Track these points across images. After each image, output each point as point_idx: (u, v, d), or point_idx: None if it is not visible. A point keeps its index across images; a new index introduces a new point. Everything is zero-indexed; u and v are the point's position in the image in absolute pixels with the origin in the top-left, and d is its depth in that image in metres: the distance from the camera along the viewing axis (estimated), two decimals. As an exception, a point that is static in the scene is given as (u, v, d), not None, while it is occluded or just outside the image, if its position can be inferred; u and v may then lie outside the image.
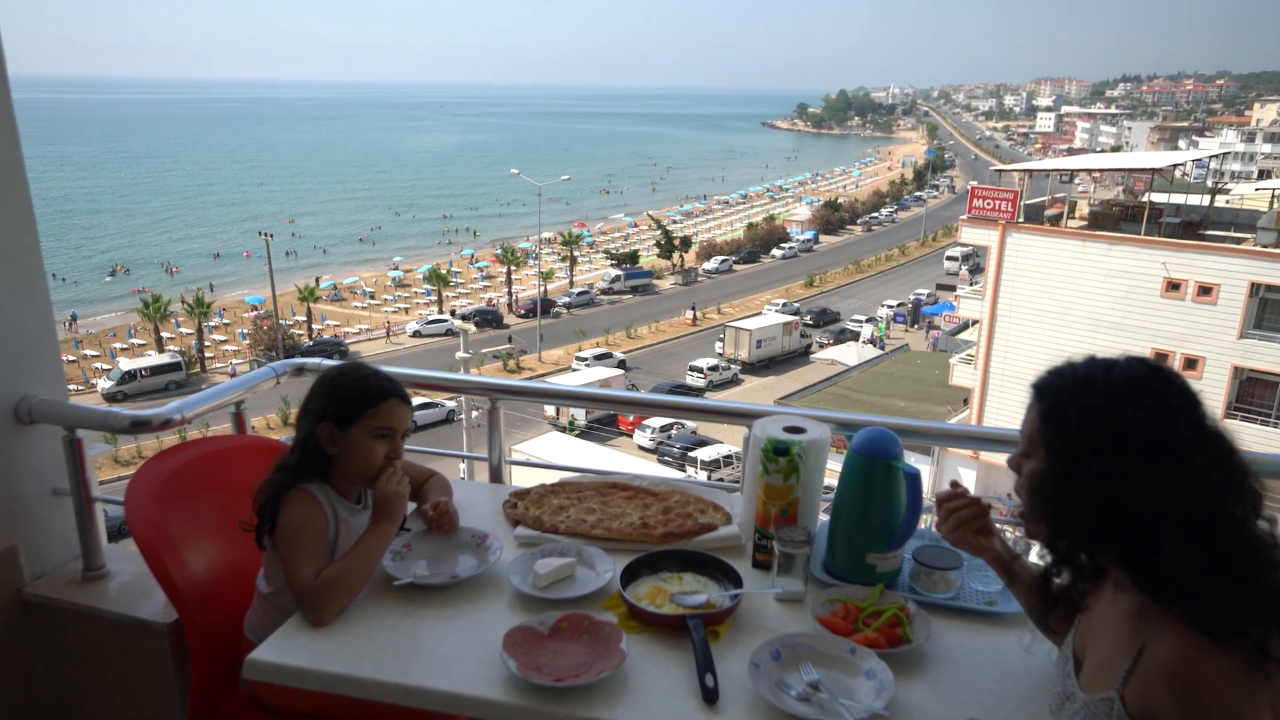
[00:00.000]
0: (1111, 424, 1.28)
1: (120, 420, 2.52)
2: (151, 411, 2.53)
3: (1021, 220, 25.16)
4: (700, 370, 38.35)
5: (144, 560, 2.06)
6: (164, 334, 42.66)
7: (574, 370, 38.36)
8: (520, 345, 41.72)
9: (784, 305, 50.07)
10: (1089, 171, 35.87)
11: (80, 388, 36.46)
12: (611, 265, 58.92)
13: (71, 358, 39.25)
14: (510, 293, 52.87)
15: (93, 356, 41.38)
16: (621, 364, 40.08)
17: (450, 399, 32.66)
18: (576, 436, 30.00)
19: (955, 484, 1.84)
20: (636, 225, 78.89)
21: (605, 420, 33.39)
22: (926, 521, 2.11)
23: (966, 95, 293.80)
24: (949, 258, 58.57)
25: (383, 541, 1.99)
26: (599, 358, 40.16)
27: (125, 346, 43.49)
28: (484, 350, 34.69)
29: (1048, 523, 1.37)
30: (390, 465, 2.04)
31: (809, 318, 47.50)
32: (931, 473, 26.43)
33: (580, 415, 32.59)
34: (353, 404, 2.00)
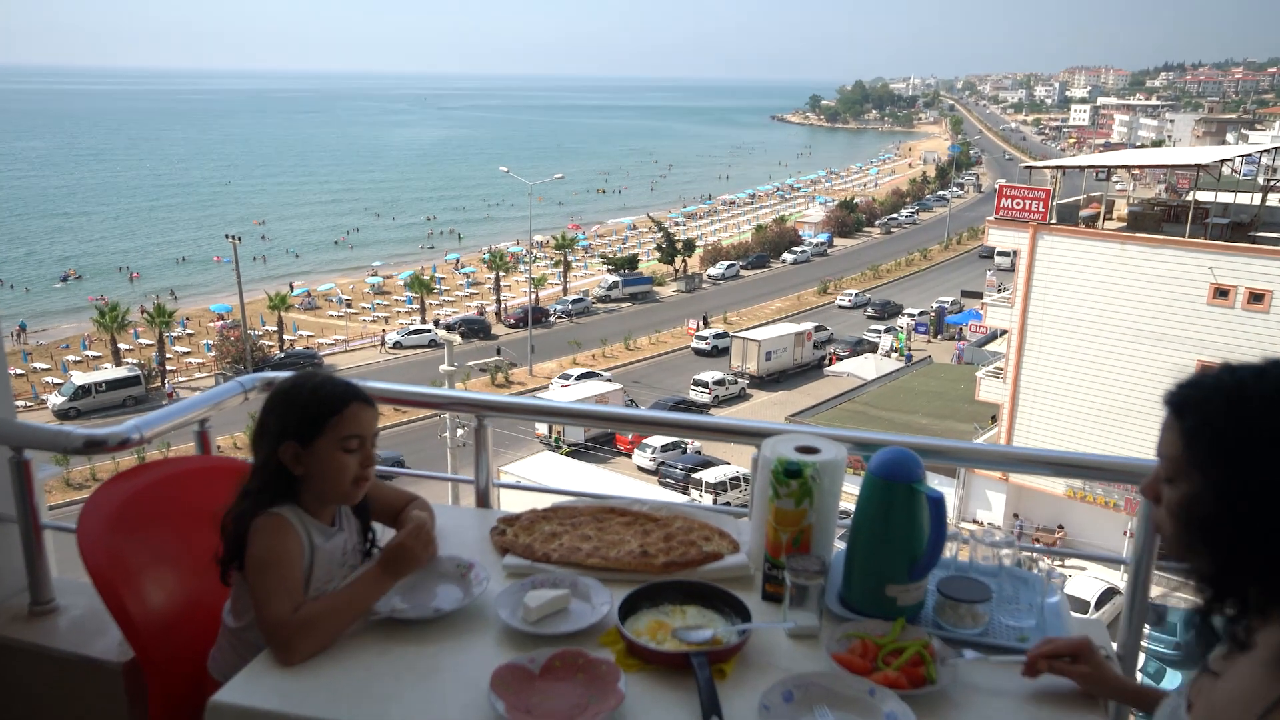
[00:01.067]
0: (1277, 435, 1.24)
1: (73, 440, 2.50)
2: (107, 430, 2.52)
3: (1054, 221, 25.21)
4: (705, 385, 38.39)
5: (97, 593, 2.04)
6: (122, 345, 42.65)
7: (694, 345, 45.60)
8: (510, 358, 41.73)
9: (856, 295, 55.49)
10: (1128, 168, 36.03)
11: (29, 404, 36.43)
12: (609, 271, 59.06)
13: (19, 371, 39.25)
14: (499, 301, 52.91)
15: (43, 370, 41.36)
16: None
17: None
18: (566, 455, 30.00)
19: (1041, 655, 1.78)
20: (635, 227, 79.08)
21: (602, 439, 33.38)
22: (951, 550, 2.11)
23: (994, 86, 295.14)
24: (1000, 253, 57.64)
25: (378, 592, 1.97)
26: (718, 336, 45.44)
27: (79, 359, 43.48)
28: (470, 363, 34.70)
29: (1210, 553, 1.32)
30: (402, 507, 2.07)
31: (873, 309, 53.06)
32: (957, 496, 26.42)
33: (569, 431, 32.56)
34: (313, 416, 1.98)
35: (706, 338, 45.84)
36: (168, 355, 42.38)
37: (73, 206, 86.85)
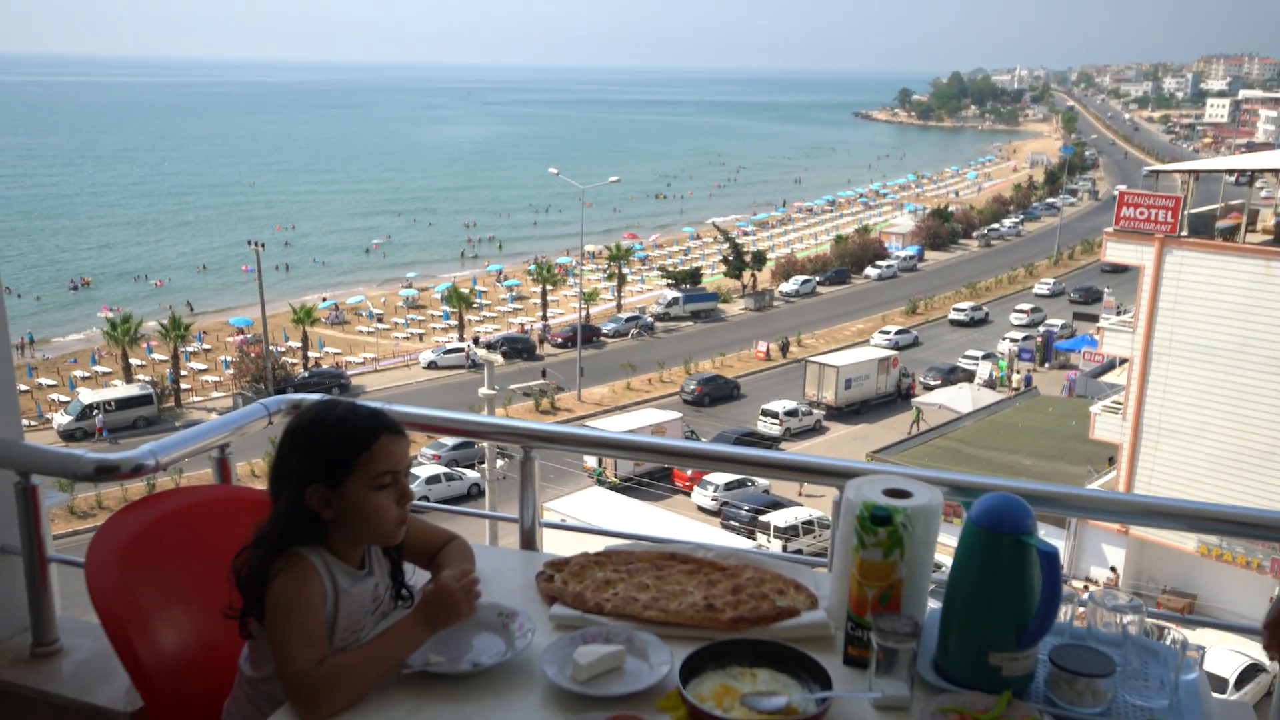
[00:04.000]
0: None
1: (83, 464, 2.56)
2: (120, 455, 2.58)
3: (1185, 234, 24.65)
4: (775, 415, 38.17)
5: (105, 634, 2.09)
6: (133, 360, 43.95)
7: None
8: (556, 381, 42.01)
9: (1053, 283, 62.17)
10: (1275, 172, 35.03)
11: (33, 423, 37.62)
12: (668, 285, 59.23)
13: (24, 387, 40.66)
14: (545, 317, 53.38)
15: (49, 386, 42.76)
16: (916, 341, 51.29)
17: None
18: (612, 489, 30.10)
19: None
20: (699, 237, 79.34)
21: (656, 474, 33.38)
22: (1065, 614, 2.05)
23: (1114, 78, 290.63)
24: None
25: (413, 644, 1.99)
26: (900, 332, 51.12)
27: (87, 375, 44.89)
28: (512, 386, 34.96)
29: None
30: (465, 570, 2.09)
31: (1076, 294, 58.89)
32: (1068, 550, 25.78)
33: (615, 463, 32.58)
34: (340, 455, 1.99)
35: (889, 333, 51.14)
36: (183, 372, 43.53)
37: (89, 209, 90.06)
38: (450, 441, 33.61)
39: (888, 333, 51.86)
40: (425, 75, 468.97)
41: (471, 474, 32.27)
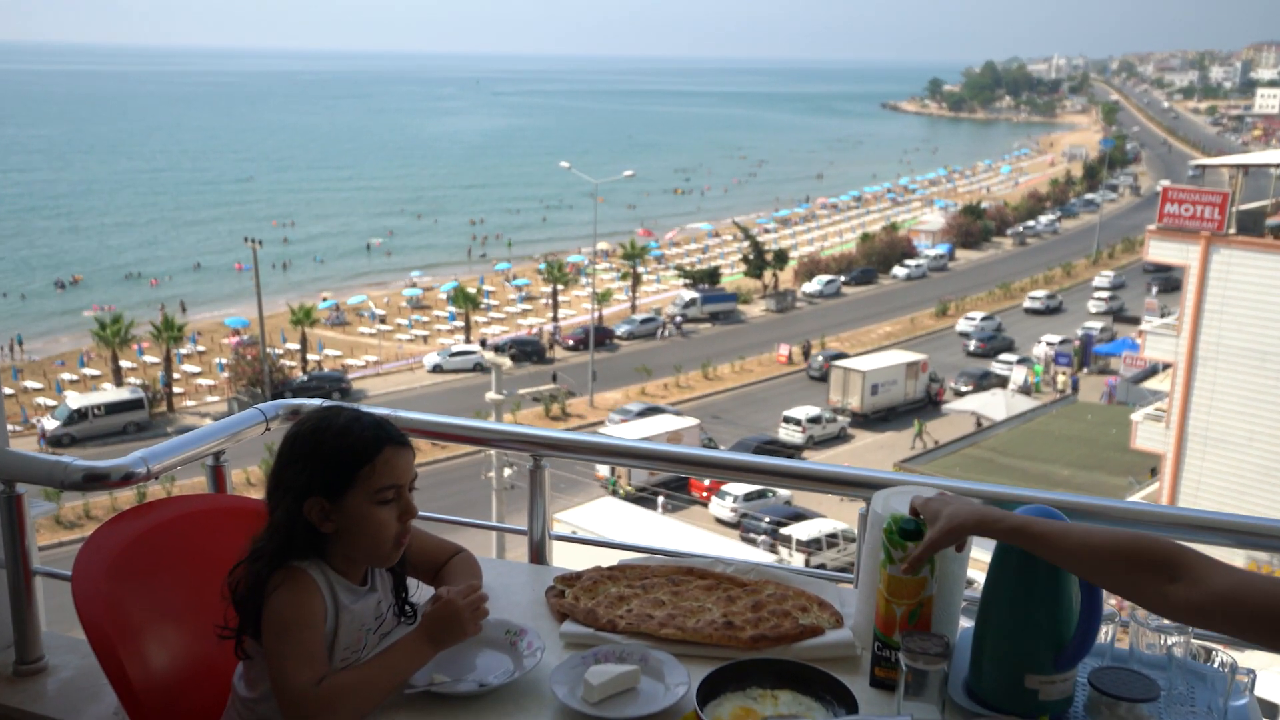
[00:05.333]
0: None
1: (71, 472, 2.57)
2: (110, 463, 2.59)
3: (1233, 231, 24.51)
4: (797, 422, 38.13)
5: (93, 651, 2.09)
6: (124, 363, 44.19)
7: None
8: (568, 385, 42.04)
9: (1113, 275, 63.34)
10: (1327, 167, 34.90)
11: (18, 428, 37.88)
12: (686, 285, 59.26)
13: (9, 390, 40.91)
14: (555, 319, 53.44)
15: (35, 389, 43.04)
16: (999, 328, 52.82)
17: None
18: (626, 500, 30.10)
19: None
20: (718, 235, 79.30)
21: (672, 483, 33.37)
22: (1106, 634, 2.04)
23: (1158, 67, 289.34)
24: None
25: (417, 662, 2.00)
26: (984, 319, 53.37)
27: (75, 378, 45.16)
28: (521, 391, 35.00)
29: None
30: (470, 586, 2.09)
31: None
32: (1108, 566, 25.65)
33: (630, 472, 32.62)
34: (342, 467, 1.99)
35: (975, 319, 53.30)
36: (175, 375, 43.75)
37: (82, 204, 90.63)
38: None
39: (973, 319, 53.53)
40: (432, 64, 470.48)
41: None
